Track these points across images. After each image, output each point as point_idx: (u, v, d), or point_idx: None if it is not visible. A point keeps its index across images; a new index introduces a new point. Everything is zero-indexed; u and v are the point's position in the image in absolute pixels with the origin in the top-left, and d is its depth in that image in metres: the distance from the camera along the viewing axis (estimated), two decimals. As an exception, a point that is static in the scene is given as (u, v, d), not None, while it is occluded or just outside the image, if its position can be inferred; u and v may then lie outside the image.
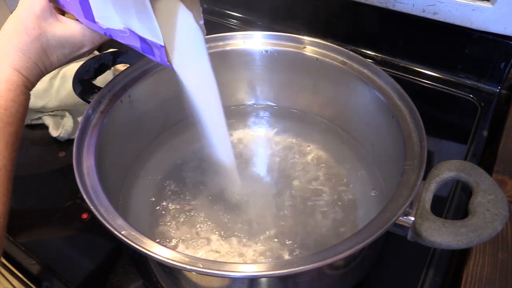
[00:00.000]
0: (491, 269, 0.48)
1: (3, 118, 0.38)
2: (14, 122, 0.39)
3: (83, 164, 0.45)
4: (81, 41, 0.43)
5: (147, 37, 0.40)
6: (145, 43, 0.41)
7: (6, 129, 0.38)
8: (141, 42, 0.41)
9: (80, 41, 0.43)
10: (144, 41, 0.41)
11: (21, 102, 0.40)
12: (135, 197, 0.56)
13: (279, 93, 0.67)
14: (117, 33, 0.41)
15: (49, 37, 0.41)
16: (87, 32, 0.43)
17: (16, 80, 0.40)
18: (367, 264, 0.50)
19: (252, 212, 0.54)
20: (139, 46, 0.41)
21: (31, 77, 0.41)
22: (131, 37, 0.41)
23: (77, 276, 0.52)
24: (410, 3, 0.71)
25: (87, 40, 0.43)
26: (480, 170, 0.44)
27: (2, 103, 0.38)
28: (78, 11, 0.42)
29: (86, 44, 0.44)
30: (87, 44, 0.44)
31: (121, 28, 0.40)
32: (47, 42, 0.41)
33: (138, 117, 0.58)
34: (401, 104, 0.50)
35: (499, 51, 0.70)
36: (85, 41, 0.43)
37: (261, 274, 0.36)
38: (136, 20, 0.39)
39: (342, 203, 0.55)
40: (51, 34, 0.41)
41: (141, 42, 0.41)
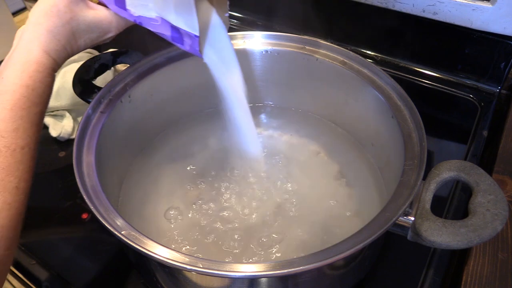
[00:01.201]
0: (491, 269, 0.48)
1: (30, 98, 0.39)
2: (40, 103, 0.40)
3: (83, 164, 0.45)
4: (108, 27, 0.45)
5: (182, 27, 0.41)
6: (176, 32, 0.42)
7: (32, 109, 0.39)
8: (172, 31, 0.42)
9: (107, 27, 0.45)
10: (176, 30, 0.42)
11: (48, 83, 0.41)
12: (135, 197, 0.56)
13: (279, 93, 0.67)
14: (148, 21, 0.42)
15: (79, 21, 0.42)
16: (114, 18, 0.45)
17: (45, 62, 0.40)
18: (367, 264, 0.50)
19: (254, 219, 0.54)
20: (169, 35, 0.43)
21: (59, 60, 0.42)
22: (162, 25, 0.42)
23: (77, 276, 0.52)
24: (410, 3, 0.71)
25: (113, 26, 0.45)
26: (480, 170, 0.44)
27: (30, 84, 0.39)
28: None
29: (112, 30, 0.45)
30: (113, 30, 0.45)
31: (153, 17, 0.42)
32: (77, 26, 0.42)
33: (138, 117, 0.58)
34: (401, 104, 0.50)
35: (499, 51, 0.70)
36: (112, 27, 0.45)
37: (261, 274, 0.36)
38: (173, 11, 0.40)
39: (342, 202, 0.55)
40: (81, 19, 0.42)
41: (172, 31, 0.42)
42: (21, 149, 0.38)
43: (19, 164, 0.37)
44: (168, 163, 0.60)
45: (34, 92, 0.39)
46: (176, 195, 0.56)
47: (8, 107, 0.37)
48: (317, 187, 0.57)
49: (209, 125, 0.64)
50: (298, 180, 0.58)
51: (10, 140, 0.37)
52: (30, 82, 0.39)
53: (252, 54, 0.61)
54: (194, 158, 0.61)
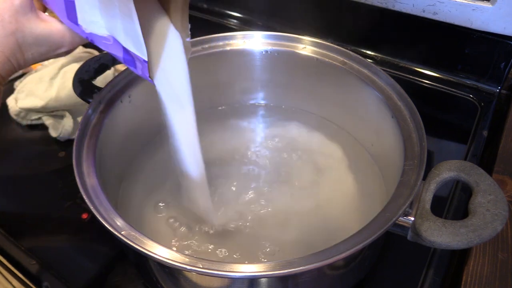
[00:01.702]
0: (491, 269, 0.48)
1: None
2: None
3: (83, 164, 0.45)
4: (60, 41, 0.41)
5: (131, 49, 0.38)
6: (128, 54, 0.39)
7: None
8: (124, 52, 0.39)
9: (59, 41, 0.41)
10: (127, 52, 0.39)
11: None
12: (135, 196, 0.56)
13: (279, 93, 0.67)
14: (100, 40, 0.40)
15: (26, 33, 0.39)
16: (68, 32, 0.41)
17: None
18: (367, 264, 0.50)
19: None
20: (122, 56, 0.40)
21: (3, 72, 0.40)
22: (114, 45, 0.39)
23: (77, 276, 0.52)
24: (410, 3, 0.71)
25: (66, 41, 0.42)
26: (480, 170, 0.43)
27: None
28: (61, 10, 0.40)
29: (64, 45, 0.42)
30: (65, 45, 0.42)
31: (105, 35, 0.39)
32: (23, 38, 0.39)
33: (138, 117, 0.58)
34: (401, 104, 0.50)
35: (499, 51, 0.70)
36: (64, 42, 0.42)
37: (261, 274, 0.36)
38: (122, 31, 0.38)
39: (341, 202, 0.55)
40: (28, 31, 0.39)
41: (124, 52, 0.39)
42: None
43: None
44: (168, 163, 0.60)
45: None
46: (176, 195, 0.56)
47: None
48: (316, 187, 0.57)
49: (209, 125, 0.64)
50: (298, 180, 0.58)
51: None
52: None
53: (252, 54, 0.61)
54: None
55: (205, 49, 0.60)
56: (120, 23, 0.37)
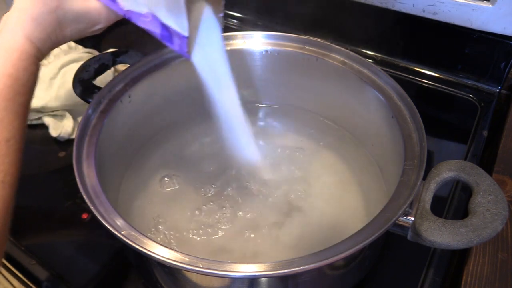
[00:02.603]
0: (491, 269, 0.48)
1: (14, 88, 0.37)
2: (25, 92, 0.38)
3: (83, 164, 0.45)
4: (96, 18, 0.43)
5: (172, 26, 0.39)
6: (165, 31, 0.40)
7: (17, 99, 0.37)
8: (161, 28, 0.40)
9: (96, 18, 0.43)
10: (166, 29, 0.40)
11: (32, 71, 0.39)
12: (135, 196, 0.56)
13: (279, 93, 0.67)
14: (137, 17, 0.41)
15: (66, 11, 0.41)
16: (104, 10, 0.43)
17: (28, 50, 0.39)
18: (367, 264, 0.50)
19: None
20: (159, 33, 0.41)
21: (43, 48, 0.41)
22: (152, 22, 0.40)
23: (77, 276, 0.52)
24: (410, 3, 0.71)
25: (103, 17, 0.43)
26: (480, 170, 0.44)
27: (13, 72, 0.37)
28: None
29: (101, 22, 0.43)
30: (102, 21, 0.43)
31: (144, 13, 0.40)
32: (64, 15, 0.41)
33: (138, 117, 0.58)
34: (401, 104, 0.50)
35: (499, 51, 0.70)
36: (101, 18, 0.43)
37: (261, 274, 0.36)
38: (164, 8, 0.39)
39: (341, 202, 0.55)
40: (68, 8, 0.41)
41: (162, 29, 0.40)
42: (6, 141, 0.36)
43: (4, 158, 0.36)
44: (168, 163, 0.60)
45: (18, 81, 0.37)
46: (176, 194, 0.56)
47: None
48: (317, 187, 0.57)
49: (209, 125, 0.64)
50: (298, 180, 0.58)
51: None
52: (13, 71, 0.37)
53: (252, 54, 0.61)
54: (194, 157, 0.61)
55: (205, 49, 0.60)
56: (163, 1, 0.38)
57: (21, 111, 0.38)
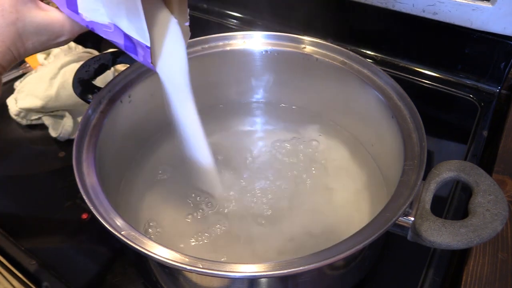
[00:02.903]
0: (491, 269, 0.48)
1: None
2: None
3: (83, 164, 0.45)
4: (60, 30, 0.42)
5: (134, 36, 0.39)
6: (129, 41, 0.40)
7: None
8: (125, 39, 0.40)
9: (59, 30, 0.42)
10: (129, 39, 0.40)
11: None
12: (135, 196, 0.56)
13: (279, 93, 0.67)
14: (100, 27, 0.40)
15: (26, 23, 0.40)
16: (67, 21, 0.42)
17: None
18: (367, 264, 0.50)
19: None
20: (122, 44, 0.40)
21: (3, 62, 0.40)
22: (115, 33, 0.40)
23: (77, 276, 0.52)
24: (410, 3, 0.71)
25: (66, 30, 0.42)
26: (480, 170, 0.43)
27: None
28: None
29: (64, 34, 0.42)
30: (65, 33, 0.42)
31: (106, 23, 0.39)
32: (24, 27, 0.40)
33: (138, 117, 0.58)
34: (401, 104, 0.50)
35: (499, 51, 0.70)
36: (64, 30, 0.42)
37: (261, 274, 0.36)
38: (125, 18, 0.38)
39: (342, 202, 0.55)
40: (28, 20, 0.40)
41: (125, 39, 0.40)
42: None
43: None
44: (168, 163, 0.60)
45: None
46: (176, 194, 0.56)
47: None
48: (316, 187, 0.57)
49: (209, 125, 0.64)
50: (298, 179, 0.58)
51: None
52: None
53: (252, 54, 0.61)
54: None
55: (205, 49, 0.60)
56: (123, 9, 0.38)
57: None
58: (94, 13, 0.39)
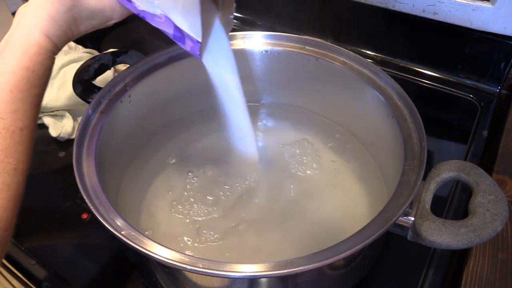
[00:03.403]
0: (491, 269, 0.48)
1: (30, 80, 0.39)
2: (39, 85, 0.40)
3: (83, 164, 0.45)
4: (110, 14, 0.44)
5: (186, 30, 0.40)
6: (178, 32, 0.41)
7: (32, 90, 0.39)
8: (174, 30, 0.41)
9: (110, 14, 0.44)
10: (179, 30, 0.41)
11: (48, 65, 0.41)
12: (135, 196, 0.56)
13: (279, 93, 0.67)
14: (151, 17, 0.42)
15: (81, 9, 0.42)
16: (118, 6, 0.44)
17: (45, 45, 0.41)
18: (367, 264, 0.50)
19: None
20: (172, 33, 0.42)
21: (59, 43, 0.42)
22: (166, 23, 0.41)
23: (77, 276, 0.52)
24: (410, 3, 0.71)
25: (116, 14, 0.45)
26: (480, 170, 0.43)
27: (30, 65, 0.39)
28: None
29: (115, 17, 0.45)
30: (116, 17, 0.45)
31: (158, 13, 0.41)
32: (79, 13, 0.42)
33: (138, 117, 0.58)
34: (401, 104, 0.50)
35: (499, 51, 0.70)
36: (115, 15, 0.45)
37: (261, 274, 0.36)
38: (179, 14, 0.40)
39: (342, 202, 0.55)
40: (83, 6, 0.42)
41: (175, 30, 0.41)
42: (20, 130, 0.38)
43: (18, 146, 0.38)
44: (168, 163, 0.60)
45: (34, 74, 0.39)
46: (175, 195, 0.56)
47: (8, 89, 0.37)
48: (317, 186, 0.57)
49: (209, 125, 0.64)
50: (297, 178, 0.58)
51: (10, 122, 0.37)
52: (30, 64, 0.39)
53: (252, 54, 0.61)
54: (193, 158, 0.61)
55: (205, 49, 0.60)
56: (179, 6, 0.39)
57: (35, 102, 0.40)
58: (148, 4, 0.41)
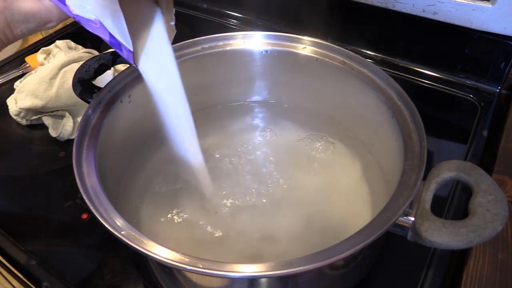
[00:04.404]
0: (491, 269, 0.48)
1: None
2: None
3: (83, 164, 0.45)
4: (47, 17, 0.42)
5: (118, 37, 0.39)
6: (114, 38, 0.40)
7: None
8: (110, 36, 0.40)
9: (47, 17, 0.42)
10: (114, 37, 0.40)
11: None
12: (134, 196, 0.56)
13: (279, 93, 0.67)
14: (86, 22, 0.40)
15: (14, 12, 0.40)
16: (55, 9, 0.42)
17: None
18: (367, 264, 0.50)
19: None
20: (108, 40, 0.41)
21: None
22: (101, 29, 0.40)
23: (77, 276, 0.52)
24: (410, 3, 0.71)
25: (54, 16, 0.43)
26: (480, 170, 0.43)
27: None
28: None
29: (52, 20, 0.43)
30: (53, 19, 0.43)
31: (92, 19, 0.39)
32: (12, 16, 0.41)
33: (138, 117, 0.58)
34: (401, 104, 0.50)
35: (499, 51, 0.70)
36: (52, 17, 0.43)
37: (261, 274, 0.36)
38: (110, 20, 0.38)
39: (342, 202, 0.55)
40: (16, 9, 0.40)
41: (110, 36, 0.40)
42: None
43: None
44: (168, 163, 0.60)
45: None
46: (175, 195, 0.56)
47: None
48: (317, 186, 0.57)
49: (210, 125, 0.64)
50: (298, 178, 0.58)
51: None
52: None
53: (252, 54, 0.61)
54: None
55: (205, 49, 0.60)
56: (108, 12, 0.38)
57: None
58: (81, 8, 0.39)
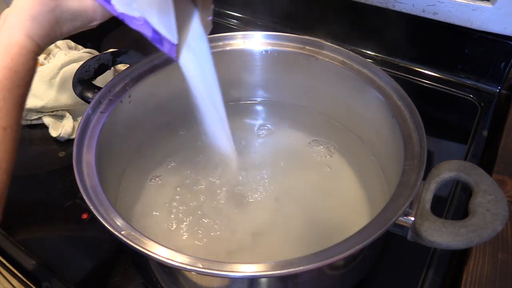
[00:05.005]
0: (491, 269, 0.48)
1: (13, 80, 0.39)
2: (22, 85, 0.40)
3: (83, 164, 0.45)
4: (93, 16, 0.44)
5: (163, 33, 0.41)
6: (156, 34, 0.42)
7: (15, 90, 0.39)
8: (153, 32, 0.42)
9: (92, 16, 0.44)
10: (157, 33, 0.42)
11: (30, 66, 0.41)
12: (134, 196, 0.56)
13: (278, 93, 0.67)
14: (130, 19, 0.42)
15: (63, 10, 0.42)
16: (99, 8, 0.44)
17: (28, 46, 0.41)
18: (367, 264, 0.50)
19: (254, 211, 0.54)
20: (150, 36, 0.43)
21: (42, 44, 0.43)
22: (144, 26, 0.42)
23: (77, 276, 0.52)
24: (410, 3, 0.71)
25: (98, 15, 0.45)
26: (480, 170, 0.43)
27: (12, 66, 0.39)
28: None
29: (97, 18, 0.45)
30: (98, 18, 0.45)
31: (137, 16, 0.41)
32: (61, 14, 0.43)
33: (138, 117, 0.58)
34: (401, 104, 0.50)
35: (499, 51, 0.70)
36: (97, 16, 0.45)
37: (261, 274, 0.36)
38: (156, 16, 0.40)
39: (342, 202, 0.55)
40: (65, 8, 0.42)
41: (153, 32, 0.42)
42: (3, 129, 0.38)
43: (1, 144, 0.38)
44: (167, 163, 0.60)
45: (16, 74, 0.39)
46: (175, 195, 0.56)
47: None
48: (317, 186, 0.57)
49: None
50: (297, 179, 0.58)
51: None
52: (12, 65, 0.39)
53: (252, 54, 0.61)
54: (193, 157, 0.61)
55: (205, 49, 0.60)
56: (155, 9, 0.40)
57: (19, 102, 0.40)
58: (126, 6, 0.41)
